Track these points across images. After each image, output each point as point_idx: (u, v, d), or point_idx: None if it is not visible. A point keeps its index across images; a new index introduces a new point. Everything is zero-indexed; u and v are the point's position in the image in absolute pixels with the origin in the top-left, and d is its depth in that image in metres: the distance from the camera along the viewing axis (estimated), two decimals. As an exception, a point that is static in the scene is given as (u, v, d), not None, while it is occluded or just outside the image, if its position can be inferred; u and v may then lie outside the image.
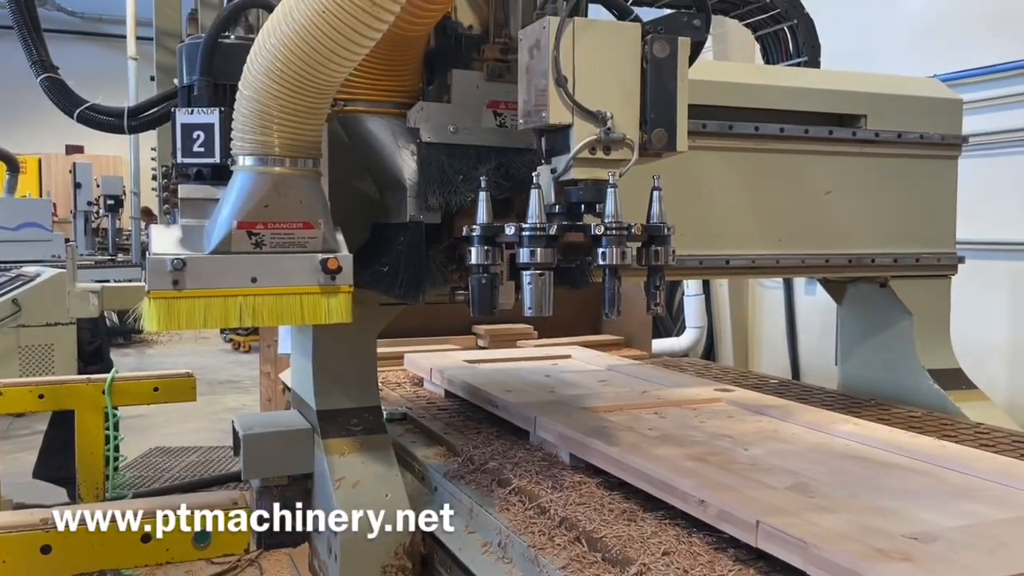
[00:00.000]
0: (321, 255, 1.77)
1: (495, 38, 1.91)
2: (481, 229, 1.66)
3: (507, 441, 2.36)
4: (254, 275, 1.74)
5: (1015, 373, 3.89)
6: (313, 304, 1.79)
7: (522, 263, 1.60)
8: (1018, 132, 3.72)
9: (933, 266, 2.88)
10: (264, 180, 1.71)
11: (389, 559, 1.99)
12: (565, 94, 1.56)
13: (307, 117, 1.70)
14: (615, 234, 1.57)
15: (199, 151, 1.77)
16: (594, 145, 1.60)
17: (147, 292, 1.68)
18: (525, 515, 1.83)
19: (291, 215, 1.74)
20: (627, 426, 2.18)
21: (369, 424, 2.21)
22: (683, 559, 1.53)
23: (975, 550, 1.29)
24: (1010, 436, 2.46)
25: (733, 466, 1.83)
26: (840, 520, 1.44)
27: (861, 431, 2.11)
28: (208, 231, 1.76)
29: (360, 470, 2.11)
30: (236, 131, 1.73)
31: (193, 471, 5.72)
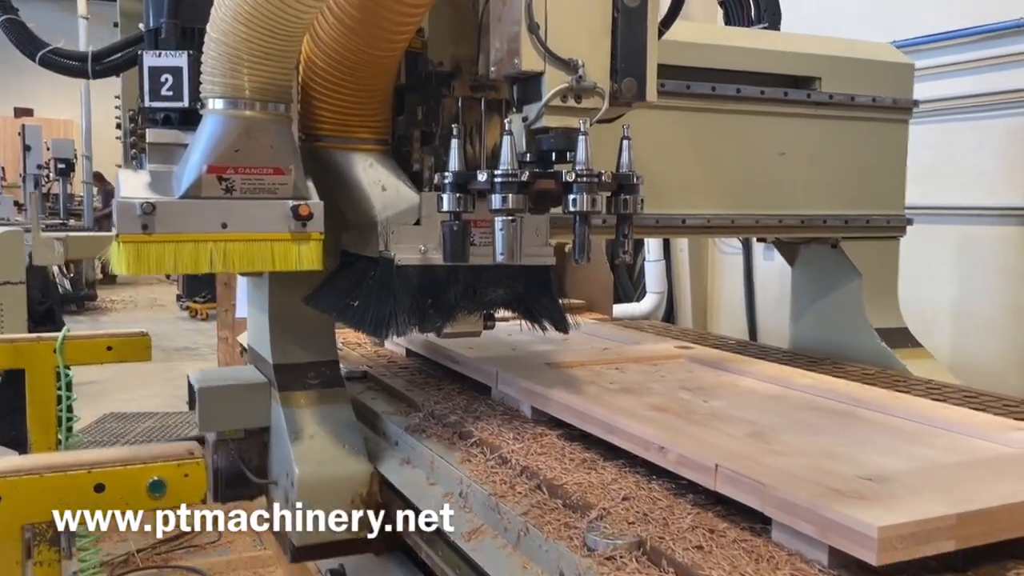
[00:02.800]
0: (292, 201, 1.76)
1: (465, 74, 1.93)
2: (453, 176, 1.66)
3: (469, 396, 2.36)
4: (224, 220, 1.72)
5: (959, 333, 4.01)
6: (284, 250, 1.78)
7: (493, 208, 1.61)
8: (970, 98, 3.78)
9: (882, 228, 2.96)
10: (235, 123, 1.69)
11: (346, 508, 2.00)
12: (538, 41, 1.56)
13: (277, 61, 1.67)
14: (586, 181, 1.57)
15: (167, 95, 1.74)
16: (566, 93, 1.59)
17: (116, 236, 1.66)
18: (486, 466, 1.83)
19: (262, 160, 1.73)
20: (588, 380, 2.19)
21: (326, 377, 2.20)
22: (643, 504, 1.54)
23: (926, 490, 1.32)
24: (960, 391, 2.53)
25: (693, 416, 1.85)
26: (796, 464, 1.46)
27: (817, 384, 2.15)
28: (177, 176, 1.74)
29: (317, 422, 2.11)
30: (205, 74, 1.70)
31: (149, 436, 5.64)
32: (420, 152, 1.98)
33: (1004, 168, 3.75)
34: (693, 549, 1.34)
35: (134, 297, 14.02)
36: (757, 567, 1.28)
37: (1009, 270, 3.82)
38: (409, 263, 1.88)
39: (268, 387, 2.21)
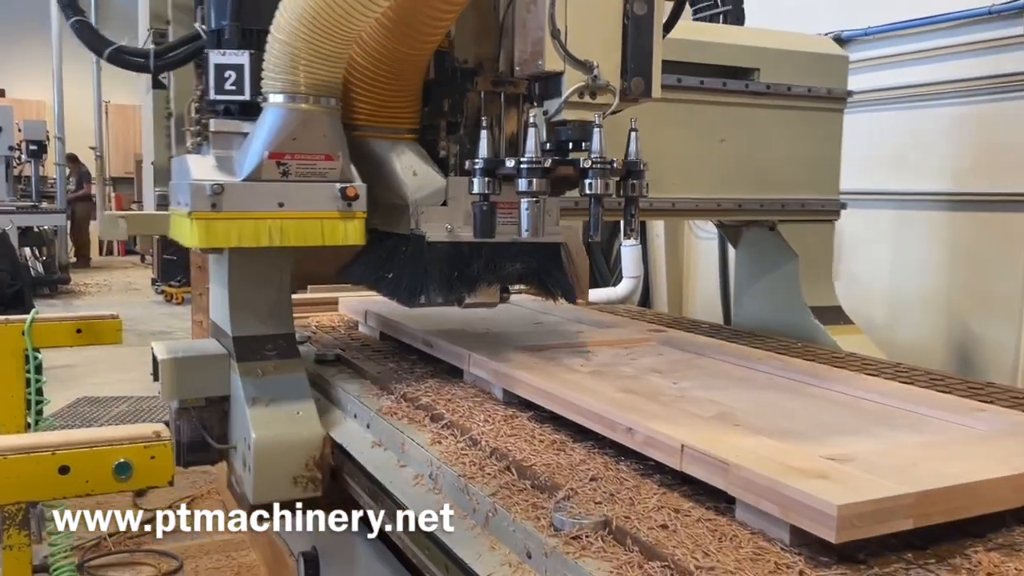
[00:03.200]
0: (340, 184, 1.97)
1: (487, 71, 2.15)
2: (483, 163, 1.85)
3: (441, 379, 2.36)
4: (281, 200, 1.93)
5: (894, 311, 4.13)
6: (332, 227, 1.99)
7: (520, 191, 1.81)
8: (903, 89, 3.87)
9: (817, 211, 3.13)
10: (293, 115, 1.89)
11: (300, 471, 2.15)
12: (559, 45, 1.75)
13: (331, 61, 1.87)
14: (600, 167, 1.76)
15: (230, 89, 1.93)
16: (582, 90, 1.79)
17: (189, 213, 1.87)
18: (456, 448, 1.84)
19: (315, 148, 1.93)
20: (559, 363, 2.20)
21: (282, 349, 2.33)
22: (610, 484, 1.55)
23: (888, 469, 1.34)
24: (926, 373, 2.56)
25: (661, 398, 1.86)
26: (761, 444, 1.47)
27: (786, 366, 2.17)
28: (239, 160, 1.95)
29: (273, 390, 2.23)
30: (268, 71, 1.89)
31: (123, 421, 5.60)
32: (446, 140, 2.20)
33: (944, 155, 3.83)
34: (658, 528, 1.36)
35: (108, 281, 13.85)
36: (720, 545, 1.29)
37: (937, 253, 3.92)
38: (439, 239, 2.10)
39: (228, 358, 2.33)
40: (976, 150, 3.77)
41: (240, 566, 3.45)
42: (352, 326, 3.26)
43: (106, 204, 17.69)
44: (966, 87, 3.74)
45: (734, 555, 1.25)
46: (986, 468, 1.35)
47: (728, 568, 1.21)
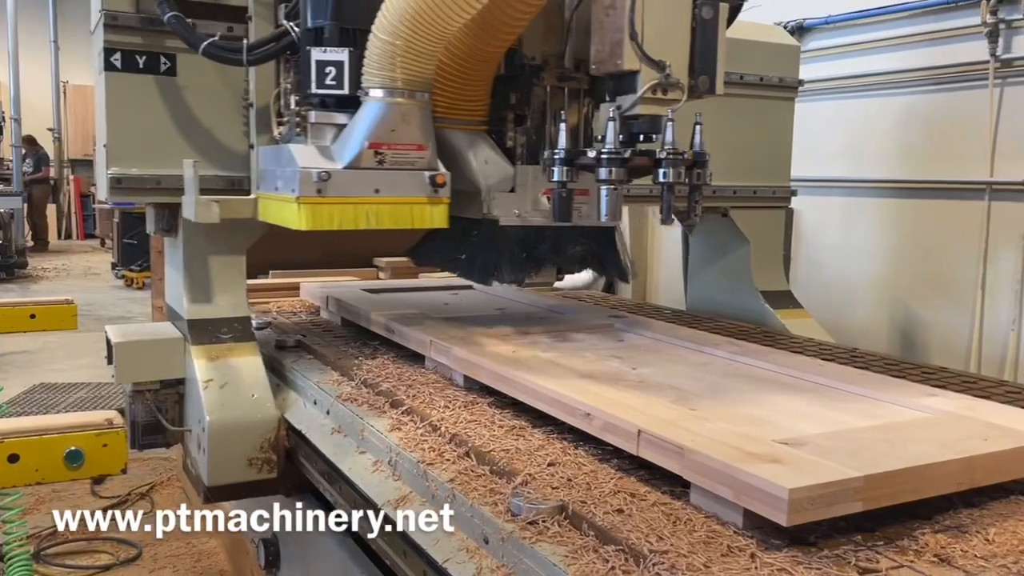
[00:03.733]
0: (428, 172, 2.08)
1: (552, 67, 2.31)
2: (564, 153, 1.99)
3: (402, 366, 2.36)
4: (377, 187, 2.05)
5: (847, 296, 4.21)
6: (420, 212, 2.10)
7: (600, 179, 1.94)
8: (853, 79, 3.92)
9: (768, 198, 3.18)
10: (392, 109, 2.02)
11: (255, 452, 2.22)
12: (637, 46, 1.88)
13: (425, 58, 1.99)
14: (672, 158, 1.90)
15: (331, 84, 2.05)
16: (655, 87, 1.91)
17: (297, 199, 2.00)
18: (416, 434, 1.83)
19: (409, 138, 2.05)
20: (522, 349, 2.20)
21: (237, 332, 2.40)
22: (568, 469, 1.56)
23: (839, 453, 1.36)
24: (882, 359, 2.61)
25: (620, 383, 1.87)
26: (717, 429, 1.49)
27: (743, 351, 2.19)
28: (338, 149, 2.07)
29: (227, 373, 2.29)
30: (369, 67, 2.01)
31: (81, 407, 5.50)
32: (514, 132, 2.35)
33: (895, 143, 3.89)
34: (613, 512, 1.37)
35: (67, 265, 13.58)
36: (674, 528, 1.30)
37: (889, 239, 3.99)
38: (511, 223, 2.25)
39: (183, 341, 2.39)
40: (928, 138, 3.83)
41: (200, 553, 3.42)
42: (314, 312, 3.23)
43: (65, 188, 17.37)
44: (921, 76, 3.80)
45: (688, 538, 1.26)
46: (934, 452, 1.38)
47: (681, 551, 1.22)
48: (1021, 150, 3.38)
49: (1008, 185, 3.43)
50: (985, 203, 3.53)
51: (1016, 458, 1.43)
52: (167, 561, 3.35)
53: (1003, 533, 1.31)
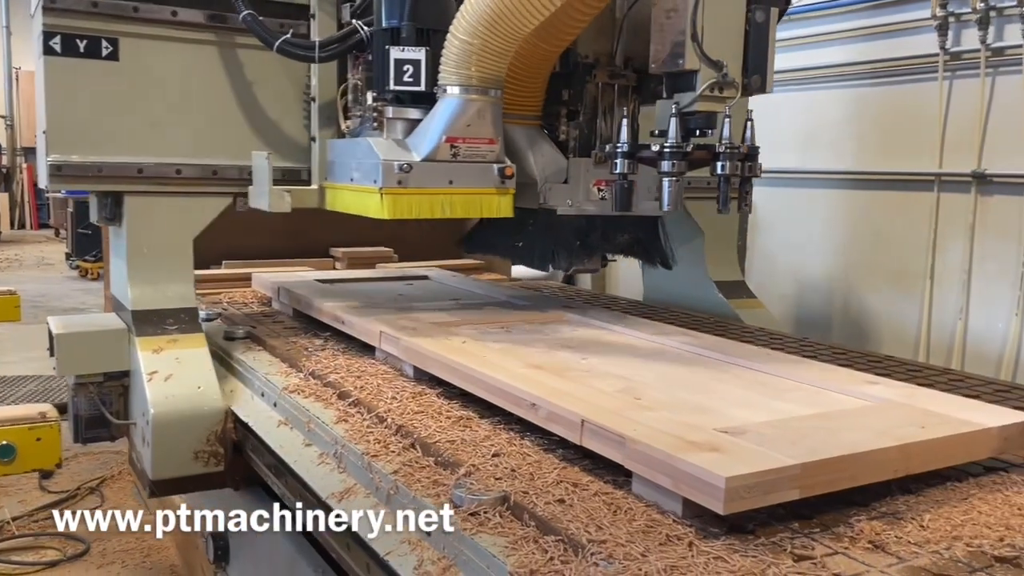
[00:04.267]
0: (497, 165, 2.20)
1: (603, 65, 2.42)
2: (627, 146, 2.07)
3: (352, 357, 2.33)
4: (451, 178, 2.16)
5: (800, 286, 4.27)
6: (489, 202, 2.22)
7: (663, 171, 2.02)
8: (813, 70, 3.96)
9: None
10: (470, 105, 2.13)
11: (201, 445, 2.20)
12: (698, 47, 1.98)
13: (499, 57, 2.10)
14: (730, 151, 2.00)
15: (408, 80, 2.17)
16: (713, 85, 2.01)
17: (380, 189, 2.10)
18: (362, 425, 1.81)
19: (483, 133, 2.16)
20: (473, 339, 2.19)
21: (184, 323, 2.38)
22: (512, 460, 1.55)
23: (778, 441, 1.37)
24: (830, 348, 2.64)
25: (568, 373, 1.87)
26: (660, 418, 1.49)
27: (694, 340, 2.20)
28: (415, 143, 2.17)
29: (173, 365, 2.26)
30: (446, 65, 2.11)
31: (31, 400, 5.38)
32: (567, 126, 2.46)
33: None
34: (555, 503, 1.36)
35: (20, 255, 13.27)
36: (614, 518, 1.30)
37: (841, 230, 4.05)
38: (566, 212, 2.35)
39: (126, 332, 2.35)
40: (880, 130, 3.88)
41: (150, 548, 3.36)
42: (266, 303, 3.19)
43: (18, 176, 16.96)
44: (873, 69, 3.84)
45: (627, 528, 1.26)
46: (871, 439, 1.39)
47: (620, 541, 1.22)
48: (969, 142, 3.45)
49: (956, 177, 3.49)
50: (934, 194, 3.59)
51: (951, 445, 1.45)
52: (116, 556, 3.29)
53: (937, 519, 1.33)
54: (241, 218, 3.37)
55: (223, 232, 3.68)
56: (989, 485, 1.48)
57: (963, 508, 1.37)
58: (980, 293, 3.47)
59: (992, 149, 3.40)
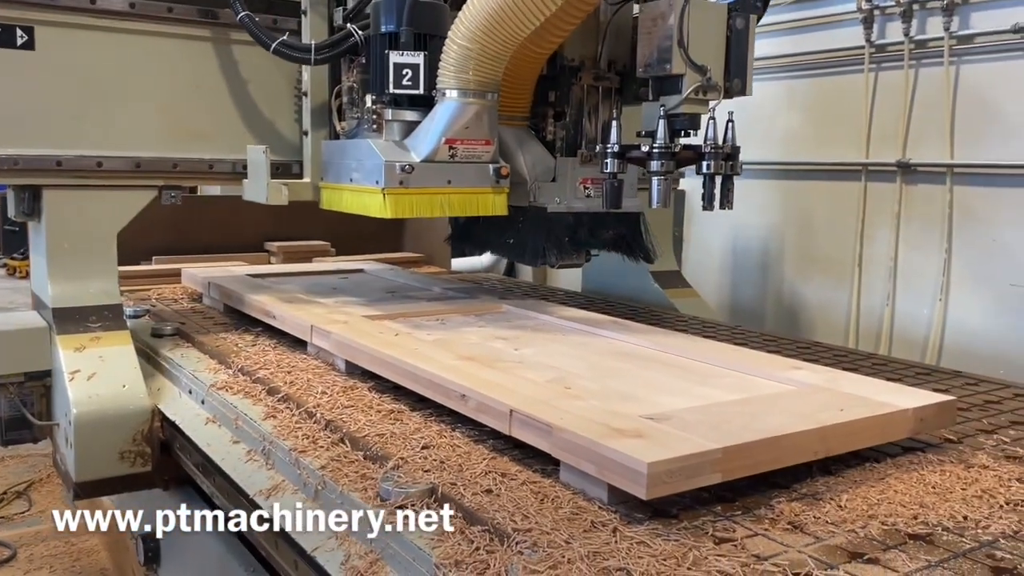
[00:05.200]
0: (493, 165, 2.27)
1: (588, 68, 2.51)
2: (618, 147, 2.15)
3: (284, 352, 2.30)
4: (449, 178, 2.22)
5: (735, 275, 4.36)
6: (485, 200, 2.28)
7: (652, 171, 2.11)
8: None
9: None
10: (468, 108, 2.18)
11: (127, 445, 2.16)
12: (684, 52, 2.08)
13: (496, 61, 2.15)
14: (714, 151, 2.11)
15: (407, 84, 2.21)
16: (697, 89, 2.12)
17: (383, 190, 2.14)
18: (291, 421, 1.79)
19: (480, 135, 2.22)
20: (406, 332, 2.17)
21: (107, 320, 2.33)
22: (441, 451, 1.55)
23: (700, 427, 1.39)
24: (761, 335, 2.69)
25: (500, 364, 1.87)
26: (588, 407, 1.50)
27: (625, 331, 2.22)
28: (414, 144, 2.22)
29: (96, 363, 2.21)
30: (445, 69, 2.16)
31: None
32: (554, 126, 2.54)
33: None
34: (482, 493, 1.36)
35: (-57, 254, 12.74)
36: (540, 507, 1.30)
37: (774, 220, 4.14)
38: (556, 209, 2.43)
39: (47, 331, 2.29)
40: (809, 122, 3.96)
41: (79, 551, 3.27)
42: (196, 298, 3.12)
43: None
44: (802, 61, 3.91)
45: (552, 516, 1.27)
46: (791, 423, 1.42)
47: (545, 529, 1.22)
48: (894, 133, 3.53)
49: (882, 166, 3.57)
50: (862, 184, 3.68)
51: (869, 427, 1.49)
52: (43, 561, 3.20)
53: (854, 499, 1.36)
54: (172, 213, 3.30)
55: (153, 227, 3.62)
56: (906, 465, 1.53)
57: (880, 488, 1.41)
58: (906, 279, 3.56)
59: (916, 139, 3.49)
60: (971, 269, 3.37)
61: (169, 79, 2.45)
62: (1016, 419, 1.87)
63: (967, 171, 3.36)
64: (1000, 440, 1.70)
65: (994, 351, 3.27)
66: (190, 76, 2.47)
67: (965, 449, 1.63)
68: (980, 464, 1.54)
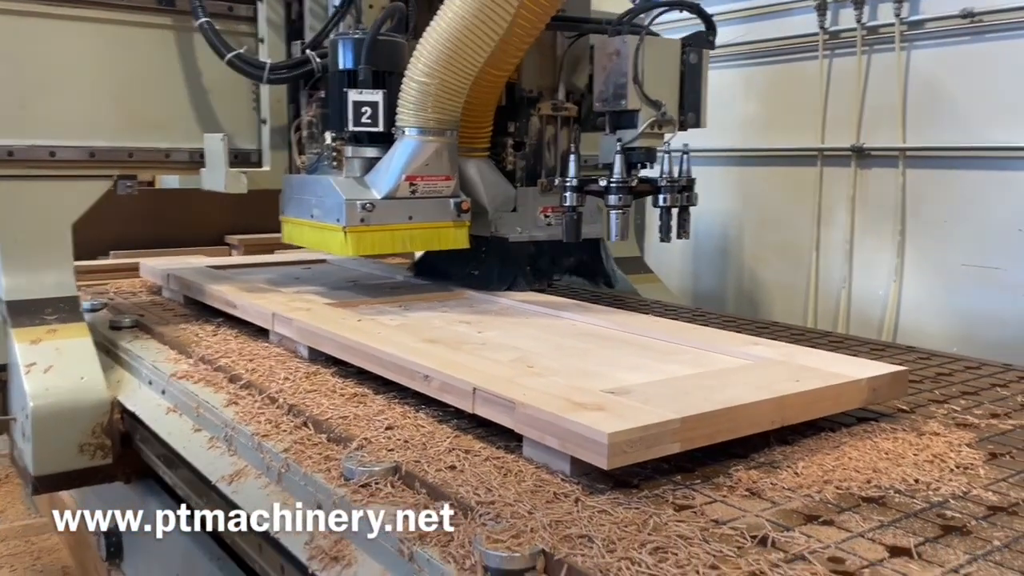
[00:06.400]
0: (453, 199, 2.31)
1: (546, 98, 2.59)
2: (575, 181, 2.20)
3: (246, 341, 2.28)
4: (411, 214, 2.26)
5: (697, 261, 4.42)
6: (446, 234, 2.32)
7: (610, 205, 2.15)
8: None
9: None
10: (428, 146, 2.23)
11: (86, 438, 2.13)
12: (639, 88, 2.12)
13: (455, 96, 2.19)
14: (669, 184, 2.17)
15: (367, 122, 2.24)
16: (653, 123, 2.16)
17: (344, 228, 2.17)
18: (253, 407, 1.78)
19: (440, 171, 2.27)
20: (369, 318, 2.17)
21: (64, 313, 2.31)
22: (405, 431, 1.55)
23: (660, 399, 1.41)
24: (721, 316, 2.73)
25: (464, 346, 1.88)
26: (551, 384, 1.51)
27: (589, 312, 2.24)
28: (374, 181, 2.25)
29: (52, 356, 2.18)
30: (405, 108, 2.20)
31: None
32: (513, 156, 2.60)
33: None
34: (446, 469, 1.37)
35: None
36: (504, 480, 1.32)
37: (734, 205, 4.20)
38: (517, 239, 2.51)
39: (2, 324, 2.26)
40: (767, 108, 4.01)
41: (40, 550, 3.22)
42: (155, 291, 3.08)
43: None
44: (759, 48, 3.96)
45: (516, 489, 1.28)
46: (748, 394, 1.45)
47: (508, 501, 1.23)
48: (848, 118, 3.60)
49: (837, 151, 3.64)
50: (818, 169, 3.74)
51: (824, 396, 1.53)
52: (4, 561, 3.14)
53: (810, 466, 1.39)
54: (129, 207, 3.25)
55: (111, 221, 3.57)
56: (860, 433, 1.56)
57: (835, 455, 1.44)
58: (862, 262, 3.63)
59: (869, 124, 3.56)
60: (924, 250, 3.45)
61: (124, 67, 2.42)
62: (966, 390, 1.92)
63: (918, 155, 3.44)
64: (951, 409, 1.75)
65: (946, 329, 3.35)
66: (146, 64, 2.44)
67: (917, 418, 1.68)
68: (931, 431, 1.58)
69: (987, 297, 3.23)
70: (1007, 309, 3.16)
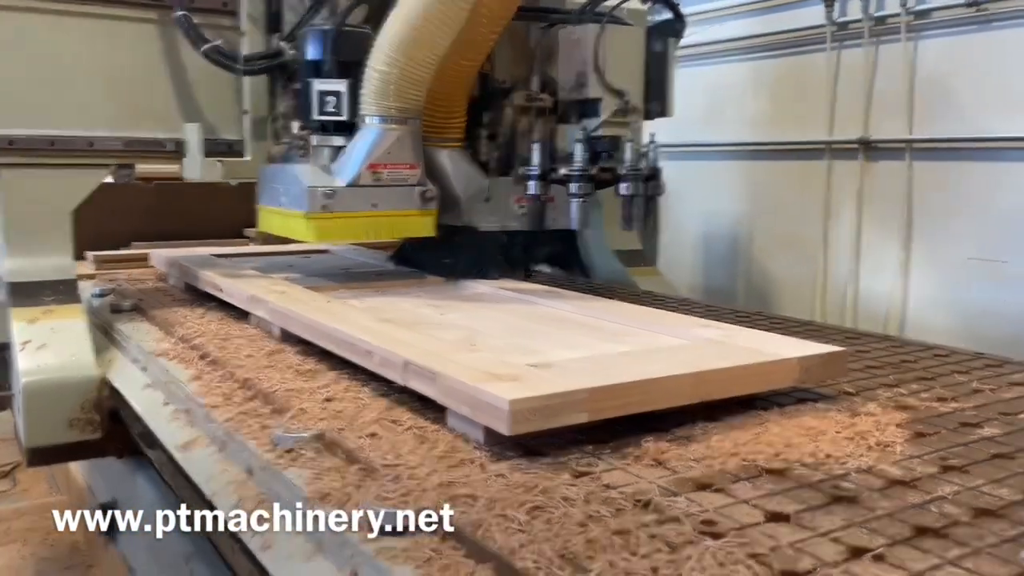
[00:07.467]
0: (418, 187, 2.34)
1: (520, 89, 2.61)
2: (539, 169, 2.28)
3: (228, 323, 2.37)
4: (375, 202, 2.29)
5: (707, 256, 4.40)
6: (412, 222, 2.35)
7: (571, 193, 2.21)
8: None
9: None
10: (389, 134, 2.27)
11: (76, 413, 2.20)
12: (600, 77, 2.18)
13: (417, 85, 2.22)
14: (632, 173, 2.18)
15: (331, 111, 2.30)
16: (616, 112, 2.23)
17: (305, 215, 2.22)
18: (212, 382, 1.85)
19: (403, 159, 2.30)
20: (341, 301, 2.23)
21: (60, 295, 2.41)
22: (343, 403, 1.61)
23: (578, 372, 1.44)
24: (705, 307, 2.72)
25: (418, 327, 1.93)
26: (481, 358, 1.55)
27: (556, 298, 2.27)
28: (339, 169, 2.30)
29: (47, 335, 2.27)
30: (367, 97, 2.24)
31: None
32: (487, 147, 2.63)
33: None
34: (367, 437, 1.42)
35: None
36: (417, 447, 1.36)
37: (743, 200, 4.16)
38: (488, 228, 2.53)
39: (4, 305, 2.38)
40: (775, 101, 3.98)
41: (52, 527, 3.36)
42: (164, 279, 3.20)
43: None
44: (767, 42, 3.94)
45: (425, 455, 1.33)
46: (667, 368, 1.47)
47: (411, 465, 1.28)
48: (856, 110, 3.55)
49: (845, 144, 3.60)
50: (826, 162, 3.70)
51: (748, 373, 1.53)
52: (18, 535, 3.29)
53: (724, 441, 1.40)
54: (153, 199, 3.40)
55: (133, 213, 3.72)
56: (792, 413, 1.57)
57: (756, 431, 1.45)
58: (869, 256, 3.58)
59: (877, 115, 3.51)
60: (931, 243, 3.38)
61: (119, 59, 2.53)
62: (924, 376, 1.90)
63: (925, 146, 3.38)
64: (898, 393, 1.74)
65: (954, 323, 3.29)
66: (140, 57, 2.55)
67: (858, 400, 1.67)
68: (866, 412, 1.57)
69: (994, 290, 3.16)
70: (1018, 303, 3.09)
